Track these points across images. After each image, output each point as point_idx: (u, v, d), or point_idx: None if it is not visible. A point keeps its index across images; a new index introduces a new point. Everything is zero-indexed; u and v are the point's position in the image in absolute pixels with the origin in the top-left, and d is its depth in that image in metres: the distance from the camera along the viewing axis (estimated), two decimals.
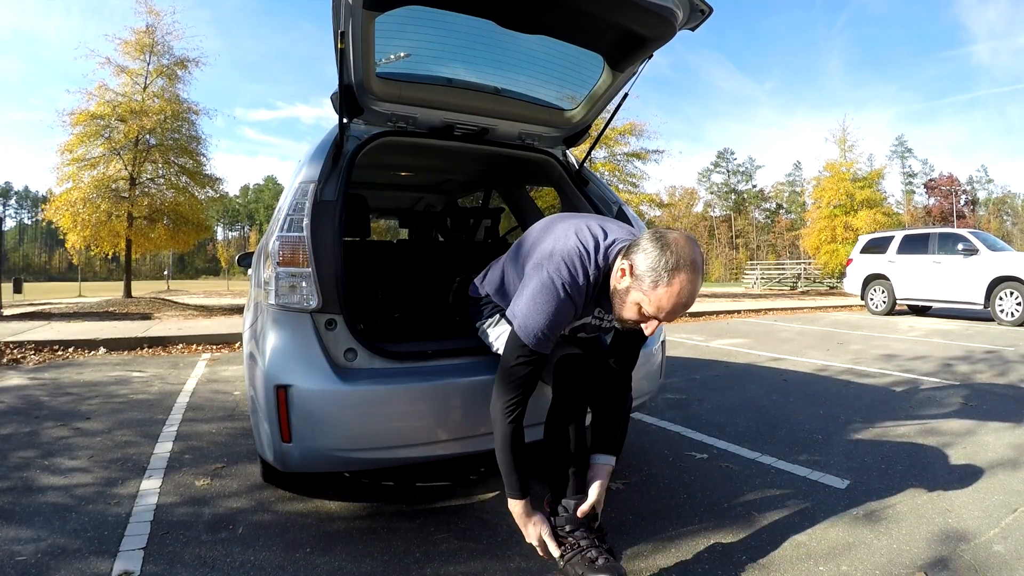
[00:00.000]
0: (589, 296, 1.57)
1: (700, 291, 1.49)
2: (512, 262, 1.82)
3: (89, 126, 11.24)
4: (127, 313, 9.41)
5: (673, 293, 1.39)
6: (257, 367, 1.85)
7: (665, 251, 1.40)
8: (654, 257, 1.40)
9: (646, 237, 1.46)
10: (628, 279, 1.46)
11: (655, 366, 2.40)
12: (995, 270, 8.98)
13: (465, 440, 1.90)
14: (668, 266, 1.38)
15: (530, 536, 1.62)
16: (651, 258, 1.41)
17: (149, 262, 60.36)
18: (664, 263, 1.39)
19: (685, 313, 1.49)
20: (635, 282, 1.44)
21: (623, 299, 1.49)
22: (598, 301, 1.63)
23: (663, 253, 1.40)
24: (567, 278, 1.50)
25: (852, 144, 23.09)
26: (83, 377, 4.58)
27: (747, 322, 9.56)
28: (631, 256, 1.47)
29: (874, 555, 1.77)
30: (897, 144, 60.27)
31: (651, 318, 1.45)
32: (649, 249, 1.42)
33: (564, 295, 1.50)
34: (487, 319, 1.92)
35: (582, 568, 1.50)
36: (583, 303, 1.56)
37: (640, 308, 1.45)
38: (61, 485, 2.32)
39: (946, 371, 4.91)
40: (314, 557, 1.76)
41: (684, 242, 1.42)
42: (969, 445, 2.86)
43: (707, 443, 2.93)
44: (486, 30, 2.06)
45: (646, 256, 1.42)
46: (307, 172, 1.97)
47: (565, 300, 1.50)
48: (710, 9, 2.00)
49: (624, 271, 1.47)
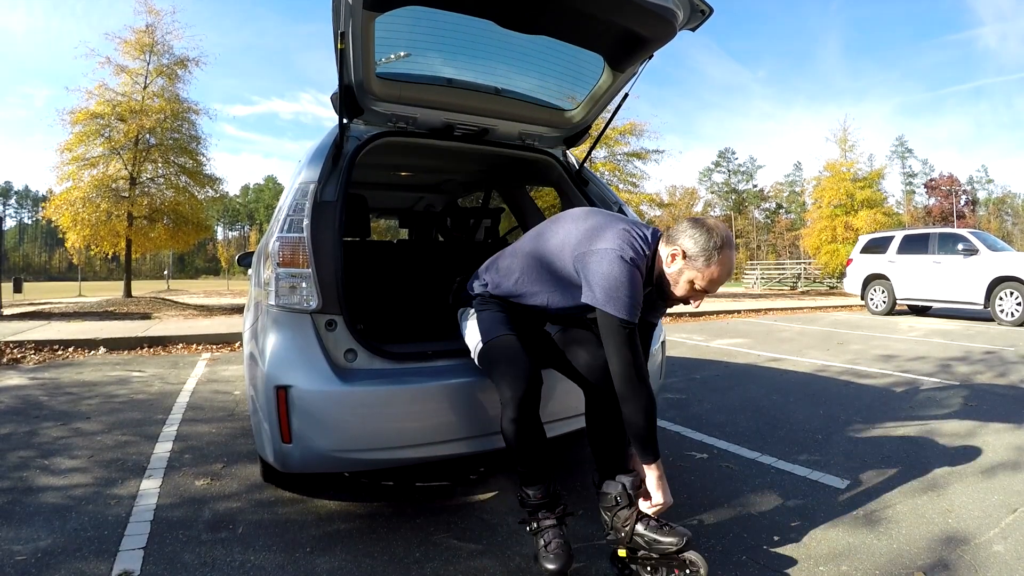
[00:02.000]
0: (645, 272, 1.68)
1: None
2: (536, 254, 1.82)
3: (89, 125, 11.24)
4: (127, 313, 9.41)
5: (722, 267, 1.61)
6: (257, 367, 1.85)
7: (711, 234, 1.61)
8: (704, 240, 1.60)
9: (688, 224, 1.66)
10: (680, 262, 1.64)
11: (655, 366, 2.40)
12: (995, 270, 8.98)
13: (465, 440, 1.90)
14: (716, 245, 1.60)
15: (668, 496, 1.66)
16: (701, 241, 1.61)
17: (149, 262, 60.33)
18: (713, 244, 1.60)
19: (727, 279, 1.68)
20: (688, 263, 1.63)
21: (676, 280, 1.66)
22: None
23: (710, 236, 1.61)
24: (631, 254, 1.63)
25: (853, 144, 23.09)
26: (83, 377, 4.58)
27: (747, 322, 9.56)
28: (678, 242, 1.64)
29: (874, 555, 1.78)
30: (897, 144, 60.28)
31: (702, 291, 1.66)
32: (695, 234, 1.62)
33: (634, 267, 1.62)
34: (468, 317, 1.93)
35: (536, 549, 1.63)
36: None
37: (692, 285, 1.64)
38: (60, 485, 2.32)
39: (946, 371, 4.92)
40: (314, 557, 1.76)
41: (721, 224, 1.65)
42: (969, 445, 2.86)
43: (707, 443, 2.93)
44: (486, 30, 2.06)
45: (695, 241, 1.61)
46: (307, 173, 1.97)
47: (636, 272, 1.62)
48: (710, 9, 2.01)
49: (675, 255, 1.64)
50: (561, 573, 1.56)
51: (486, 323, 1.83)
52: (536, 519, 1.68)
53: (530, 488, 1.69)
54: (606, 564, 1.72)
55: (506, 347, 1.74)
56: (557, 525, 1.66)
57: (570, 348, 1.86)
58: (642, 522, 1.65)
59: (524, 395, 1.63)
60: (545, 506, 1.68)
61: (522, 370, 1.66)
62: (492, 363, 1.74)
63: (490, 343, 1.77)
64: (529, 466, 1.69)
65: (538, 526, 1.66)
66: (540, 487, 1.68)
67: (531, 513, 1.69)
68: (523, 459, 1.68)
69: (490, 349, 1.76)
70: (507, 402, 1.65)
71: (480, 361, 1.81)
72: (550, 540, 1.62)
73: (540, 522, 1.67)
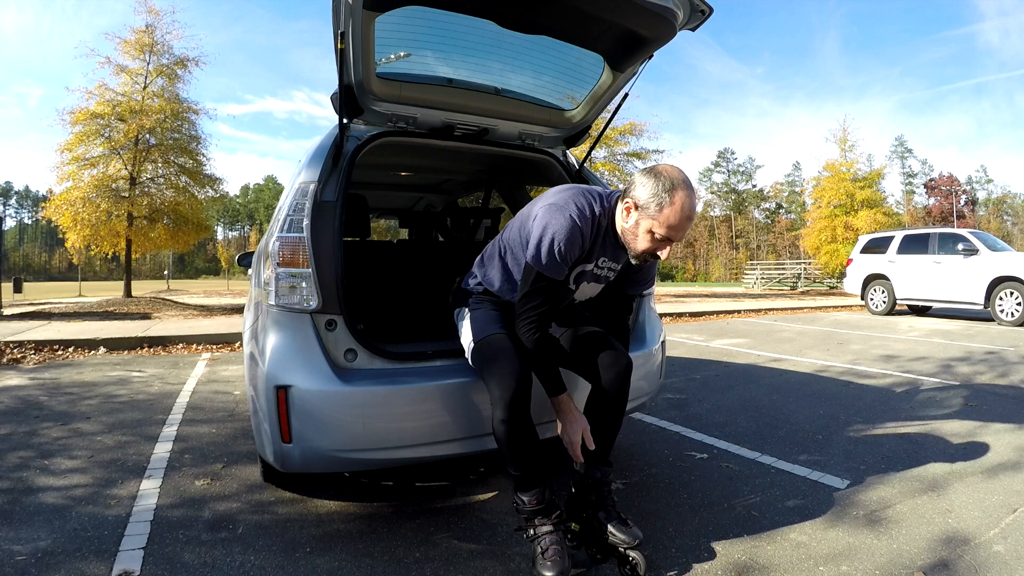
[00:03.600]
0: (596, 235, 1.69)
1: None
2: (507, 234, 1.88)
3: (89, 125, 11.24)
4: (127, 313, 9.41)
5: (677, 209, 1.55)
6: (257, 367, 1.85)
7: (659, 178, 1.58)
8: (652, 185, 1.57)
9: (637, 175, 1.64)
10: (635, 213, 1.62)
11: (655, 366, 2.40)
12: (995, 270, 8.98)
13: (465, 440, 1.90)
14: (666, 188, 1.56)
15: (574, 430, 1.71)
16: (649, 187, 1.58)
17: (149, 262, 60.39)
18: (662, 187, 1.56)
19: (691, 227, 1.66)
20: (642, 213, 1.60)
21: (635, 232, 1.63)
22: (604, 250, 1.75)
23: (658, 180, 1.57)
24: (575, 209, 1.64)
25: (852, 144, 23.12)
26: (83, 377, 4.58)
27: (747, 322, 9.56)
28: (630, 194, 1.63)
29: (874, 555, 1.77)
30: (897, 144, 60.34)
31: (664, 240, 1.61)
32: (645, 182, 1.59)
33: (572, 221, 1.62)
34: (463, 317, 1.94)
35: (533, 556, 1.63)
36: (590, 240, 1.69)
37: (652, 234, 1.60)
38: (60, 485, 2.32)
39: (946, 371, 4.92)
40: (314, 557, 1.76)
41: (672, 167, 1.61)
42: (969, 445, 2.86)
43: (707, 443, 2.93)
44: (486, 30, 2.06)
45: (644, 188, 1.59)
46: (307, 173, 1.97)
47: (574, 226, 1.61)
48: (710, 9, 2.00)
49: (628, 208, 1.63)
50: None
51: (479, 322, 1.84)
52: (532, 525, 1.65)
53: (525, 494, 1.66)
54: (605, 571, 1.72)
55: (497, 346, 1.73)
56: (554, 531, 1.63)
57: (585, 344, 1.86)
58: (605, 511, 1.71)
59: (514, 395, 1.60)
60: (541, 512, 1.66)
61: (512, 369, 1.63)
62: (483, 362, 1.73)
63: (481, 342, 1.77)
64: (522, 469, 1.65)
65: (535, 532, 1.64)
66: (535, 492, 1.66)
67: (527, 519, 1.67)
68: (516, 462, 1.65)
69: (481, 348, 1.76)
70: (496, 401, 1.62)
71: (473, 360, 1.81)
72: (547, 547, 1.59)
73: (536, 528, 1.64)
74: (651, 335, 2.43)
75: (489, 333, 1.78)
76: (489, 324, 1.81)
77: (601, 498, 1.75)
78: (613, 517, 1.70)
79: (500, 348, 1.72)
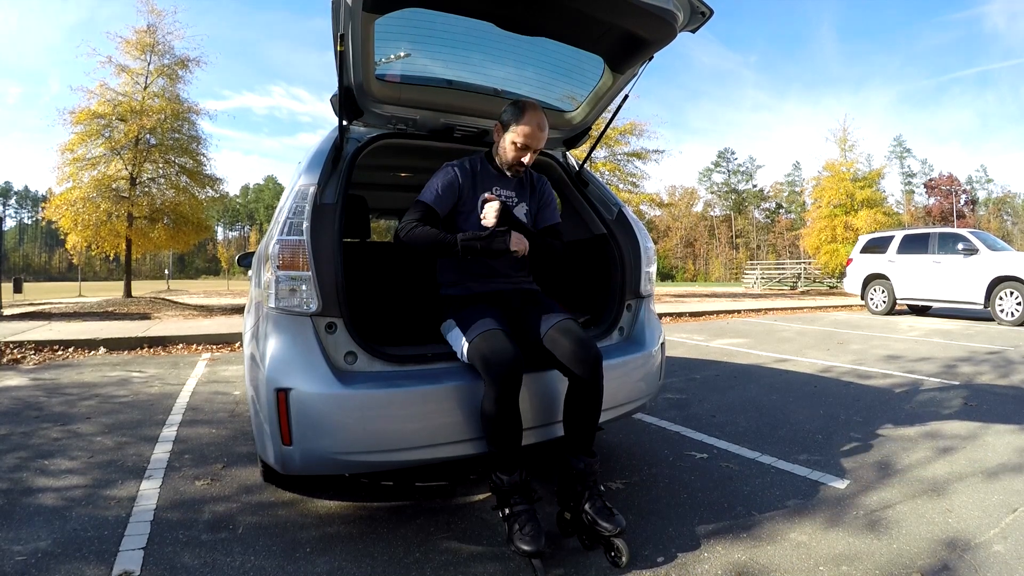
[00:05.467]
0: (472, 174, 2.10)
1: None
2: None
3: (90, 125, 11.24)
4: (127, 313, 9.41)
5: (528, 122, 1.98)
6: (258, 370, 1.85)
7: (516, 103, 2.03)
8: (510, 108, 2.03)
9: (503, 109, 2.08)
10: (501, 133, 2.06)
11: (655, 367, 2.40)
12: (995, 270, 8.98)
13: (466, 443, 1.90)
14: (519, 107, 2.01)
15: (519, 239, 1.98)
16: (508, 111, 2.04)
17: (149, 262, 60.39)
18: (516, 107, 2.02)
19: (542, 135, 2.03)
20: (503, 130, 2.04)
21: (505, 147, 2.06)
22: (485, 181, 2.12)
23: (514, 104, 2.03)
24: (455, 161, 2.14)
25: (852, 144, 23.12)
26: (83, 377, 4.59)
27: (747, 322, 9.56)
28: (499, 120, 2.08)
29: (874, 555, 1.78)
30: (896, 144, 60.35)
31: (523, 147, 2.02)
32: (507, 108, 2.05)
33: (449, 168, 2.09)
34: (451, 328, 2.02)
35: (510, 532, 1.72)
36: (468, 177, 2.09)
37: (515, 144, 2.02)
38: (60, 486, 2.32)
39: (946, 371, 4.92)
40: (314, 557, 1.76)
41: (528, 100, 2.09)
42: (969, 445, 2.87)
43: (707, 443, 2.93)
44: (486, 32, 2.06)
45: (506, 112, 2.04)
46: (307, 175, 1.97)
47: (450, 171, 2.08)
48: (710, 11, 2.01)
49: (497, 129, 2.09)
50: (537, 554, 1.65)
51: (465, 323, 1.94)
52: (509, 505, 1.77)
53: (504, 474, 1.79)
54: (573, 543, 1.85)
55: (489, 335, 1.84)
56: (530, 510, 1.75)
57: (559, 340, 1.92)
58: (591, 501, 1.80)
59: (504, 375, 1.73)
60: (518, 491, 1.78)
61: (503, 354, 1.76)
62: (478, 355, 1.81)
63: (474, 340, 1.85)
64: (503, 447, 1.78)
65: (511, 511, 1.75)
66: (514, 474, 1.78)
67: (503, 499, 1.79)
68: (498, 439, 1.78)
69: (474, 344, 1.84)
70: (489, 383, 1.76)
71: (470, 359, 1.86)
72: (524, 523, 1.70)
73: (513, 508, 1.75)
74: (650, 336, 2.43)
75: (480, 331, 1.86)
76: (476, 322, 1.91)
77: (587, 488, 1.83)
78: (598, 507, 1.79)
79: (492, 336, 1.83)
